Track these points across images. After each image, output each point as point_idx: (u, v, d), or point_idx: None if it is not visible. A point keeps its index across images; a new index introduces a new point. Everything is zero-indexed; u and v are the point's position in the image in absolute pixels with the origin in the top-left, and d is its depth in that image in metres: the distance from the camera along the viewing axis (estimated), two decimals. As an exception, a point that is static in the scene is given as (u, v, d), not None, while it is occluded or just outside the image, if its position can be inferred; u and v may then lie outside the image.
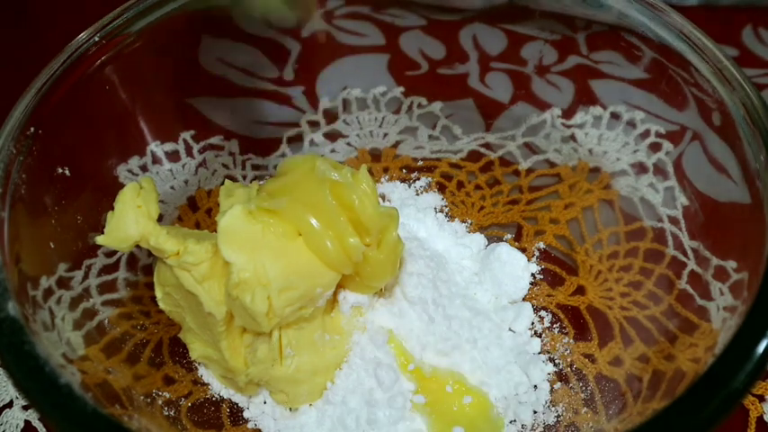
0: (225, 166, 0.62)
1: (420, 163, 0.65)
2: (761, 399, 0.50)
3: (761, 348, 0.34)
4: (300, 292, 0.43)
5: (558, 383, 0.51)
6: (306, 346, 0.47)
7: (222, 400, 0.50)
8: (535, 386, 0.50)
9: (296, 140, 0.65)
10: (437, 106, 0.66)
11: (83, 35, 0.48)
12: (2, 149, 0.42)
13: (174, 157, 0.59)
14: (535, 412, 0.49)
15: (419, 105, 0.66)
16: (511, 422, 0.49)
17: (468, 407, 0.48)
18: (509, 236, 0.60)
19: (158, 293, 0.47)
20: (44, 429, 0.49)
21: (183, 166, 0.60)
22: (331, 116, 0.66)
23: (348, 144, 0.66)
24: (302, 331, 0.47)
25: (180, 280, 0.44)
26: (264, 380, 0.47)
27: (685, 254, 0.52)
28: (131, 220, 0.43)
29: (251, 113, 0.63)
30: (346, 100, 0.67)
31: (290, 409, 0.50)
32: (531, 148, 0.64)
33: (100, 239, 0.43)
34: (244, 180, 0.62)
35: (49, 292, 0.43)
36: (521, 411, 0.49)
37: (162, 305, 0.48)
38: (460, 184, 0.63)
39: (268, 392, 0.50)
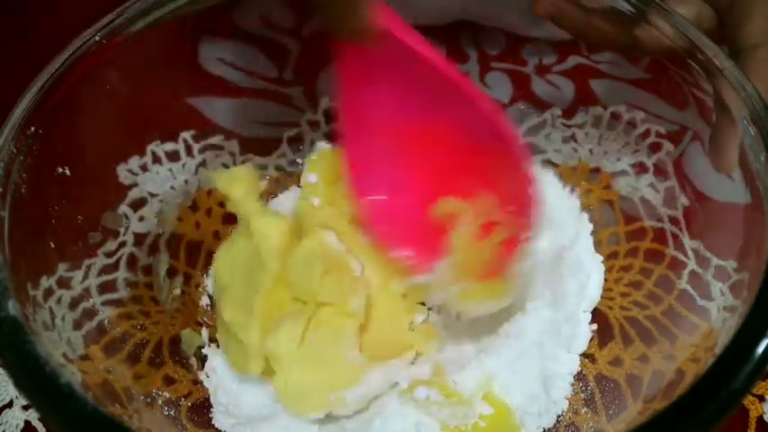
0: (225, 166, 0.62)
1: (420, 163, 0.65)
2: (761, 399, 0.50)
3: (761, 348, 0.34)
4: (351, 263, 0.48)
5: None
6: (328, 343, 0.47)
7: (222, 399, 0.50)
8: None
9: (296, 140, 0.65)
10: (437, 106, 0.66)
11: (83, 35, 0.48)
12: (2, 149, 0.42)
13: (174, 156, 0.59)
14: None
15: (419, 105, 0.66)
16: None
17: (489, 418, 0.48)
18: (509, 236, 0.59)
19: (222, 256, 0.52)
20: (44, 429, 0.49)
21: (183, 166, 0.60)
22: (331, 116, 0.66)
23: (348, 144, 0.66)
24: (330, 328, 0.47)
25: (254, 235, 0.48)
26: (275, 354, 0.46)
27: (685, 254, 0.52)
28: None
29: (251, 113, 0.63)
30: (347, 100, 0.67)
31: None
32: (530, 148, 0.64)
33: (218, 176, 0.51)
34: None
35: (49, 292, 0.43)
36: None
37: (216, 264, 0.53)
38: (460, 184, 0.63)
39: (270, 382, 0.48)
